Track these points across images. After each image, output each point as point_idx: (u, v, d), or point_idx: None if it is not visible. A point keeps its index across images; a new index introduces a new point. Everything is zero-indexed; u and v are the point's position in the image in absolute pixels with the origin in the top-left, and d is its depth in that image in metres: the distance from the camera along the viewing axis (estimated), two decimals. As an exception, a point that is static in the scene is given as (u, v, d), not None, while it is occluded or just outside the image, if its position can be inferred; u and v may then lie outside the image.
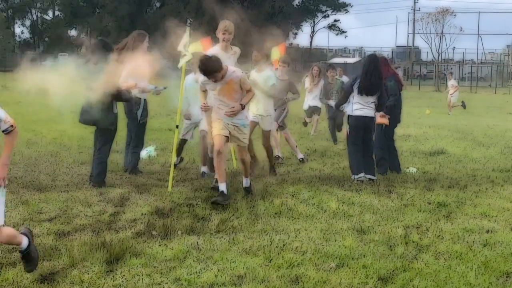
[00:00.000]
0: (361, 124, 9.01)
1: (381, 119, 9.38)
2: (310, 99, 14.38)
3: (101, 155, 8.12)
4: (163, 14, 70.73)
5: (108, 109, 7.98)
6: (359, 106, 8.99)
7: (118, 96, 8.04)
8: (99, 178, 8.07)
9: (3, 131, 4.56)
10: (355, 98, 9.01)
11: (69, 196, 7.39)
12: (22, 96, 25.50)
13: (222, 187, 7.19)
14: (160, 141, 12.33)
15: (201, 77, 7.55)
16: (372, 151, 9.22)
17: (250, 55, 9.18)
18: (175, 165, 8.63)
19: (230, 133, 7.45)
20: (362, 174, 8.83)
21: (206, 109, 7.85)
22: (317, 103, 14.29)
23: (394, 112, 9.55)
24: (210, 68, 7.17)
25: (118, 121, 8.27)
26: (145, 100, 8.99)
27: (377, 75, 8.92)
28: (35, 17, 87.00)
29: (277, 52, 11.68)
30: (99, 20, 75.05)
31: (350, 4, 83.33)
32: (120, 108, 8.42)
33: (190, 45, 8.29)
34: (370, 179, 8.81)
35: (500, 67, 63.56)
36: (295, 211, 7.06)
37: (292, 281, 4.86)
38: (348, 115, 9.15)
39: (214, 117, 7.55)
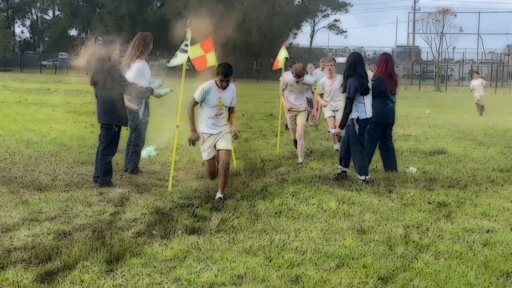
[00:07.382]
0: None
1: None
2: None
3: (105, 155, 8.12)
4: (163, 14, 70.82)
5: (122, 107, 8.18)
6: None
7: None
8: (105, 178, 8.06)
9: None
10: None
11: (69, 196, 7.38)
12: (22, 95, 25.54)
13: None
14: (160, 140, 12.32)
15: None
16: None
17: None
18: None
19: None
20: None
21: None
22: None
23: (381, 110, 9.56)
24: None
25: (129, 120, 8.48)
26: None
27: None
28: (35, 17, 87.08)
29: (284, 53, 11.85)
30: (99, 20, 75.05)
31: (350, 3, 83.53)
32: None
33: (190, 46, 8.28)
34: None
35: (500, 67, 63.60)
36: (295, 211, 7.06)
37: (292, 281, 4.86)
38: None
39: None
